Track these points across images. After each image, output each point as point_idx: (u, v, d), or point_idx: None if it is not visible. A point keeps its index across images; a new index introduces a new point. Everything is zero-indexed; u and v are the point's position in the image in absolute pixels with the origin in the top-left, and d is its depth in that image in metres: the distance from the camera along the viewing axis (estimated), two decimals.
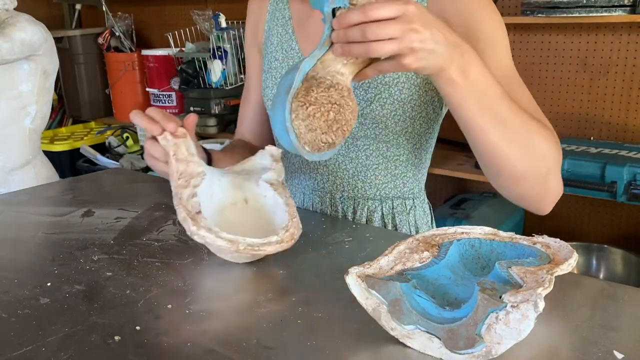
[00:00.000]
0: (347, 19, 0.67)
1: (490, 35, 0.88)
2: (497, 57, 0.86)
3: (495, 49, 0.87)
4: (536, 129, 0.79)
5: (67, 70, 3.33)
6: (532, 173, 0.80)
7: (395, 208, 1.04)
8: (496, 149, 0.77)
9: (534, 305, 0.51)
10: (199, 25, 2.84)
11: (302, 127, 0.69)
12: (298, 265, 0.78)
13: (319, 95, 0.69)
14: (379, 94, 0.94)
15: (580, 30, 2.16)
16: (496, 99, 0.75)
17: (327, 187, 1.05)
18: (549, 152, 0.81)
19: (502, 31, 0.89)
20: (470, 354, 0.54)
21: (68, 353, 0.59)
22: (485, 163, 0.82)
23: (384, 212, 1.04)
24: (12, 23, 1.90)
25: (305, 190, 1.08)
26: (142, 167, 2.94)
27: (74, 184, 1.25)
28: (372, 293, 0.59)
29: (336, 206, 1.05)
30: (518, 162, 0.79)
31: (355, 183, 1.03)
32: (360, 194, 1.03)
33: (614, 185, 1.81)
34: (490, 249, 0.67)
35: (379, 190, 1.03)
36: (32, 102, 2.02)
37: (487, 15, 0.89)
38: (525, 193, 0.84)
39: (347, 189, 1.03)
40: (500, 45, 0.88)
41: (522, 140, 0.78)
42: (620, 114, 2.15)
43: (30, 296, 0.71)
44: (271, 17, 1.07)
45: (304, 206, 1.08)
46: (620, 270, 2.06)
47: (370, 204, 1.03)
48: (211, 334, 0.62)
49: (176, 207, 0.75)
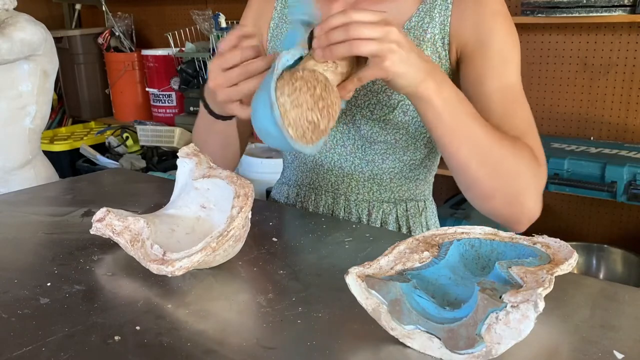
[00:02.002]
0: (330, 22, 0.70)
1: (503, 50, 0.90)
2: (506, 73, 0.89)
3: (505, 65, 0.89)
4: (510, 151, 0.81)
5: (67, 70, 3.33)
6: (502, 193, 0.82)
7: (409, 210, 1.05)
8: (465, 166, 0.80)
9: (534, 305, 0.51)
10: (199, 25, 2.84)
11: (288, 102, 0.68)
12: (298, 265, 0.78)
13: (304, 74, 0.69)
14: (402, 100, 0.94)
15: (580, 30, 2.16)
16: (468, 118, 0.78)
17: (342, 189, 1.04)
18: (523, 173, 0.82)
19: (515, 49, 0.91)
20: (470, 354, 0.54)
21: (68, 353, 0.59)
22: (456, 178, 0.85)
23: (399, 214, 1.04)
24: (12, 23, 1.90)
25: (318, 191, 1.07)
26: (142, 167, 2.94)
27: (74, 184, 1.25)
28: (372, 293, 0.59)
29: (350, 209, 1.04)
30: (487, 181, 0.81)
31: (371, 186, 1.03)
32: (376, 197, 1.03)
33: (614, 185, 1.81)
34: (490, 249, 0.67)
35: (393, 193, 1.03)
36: (32, 102, 2.02)
37: (504, 31, 0.90)
38: (496, 212, 0.85)
39: (362, 191, 1.03)
40: (511, 62, 0.90)
41: (492, 160, 0.80)
42: (620, 114, 2.15)
43: (30, 296, 0.71)
44: (279, 14, 1.05)
45: (318, 206, 1.07)
46: (620, 270, 2.06)
47: (385, 207, 1.04)
48: (211, 334, 0.62)
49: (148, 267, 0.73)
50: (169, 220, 0.82)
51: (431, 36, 0.93)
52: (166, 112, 3.15)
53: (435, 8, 0.93)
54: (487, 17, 0.90)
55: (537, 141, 0.87)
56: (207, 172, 0.82)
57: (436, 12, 0.93)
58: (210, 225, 0.81)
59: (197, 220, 0.83)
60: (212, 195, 0.82)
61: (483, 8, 0.90)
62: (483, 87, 0.89)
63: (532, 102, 2.37)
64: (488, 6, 0.90)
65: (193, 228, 0.82)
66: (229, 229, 0.71)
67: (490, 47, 0.89)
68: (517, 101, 0.89)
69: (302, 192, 1.09)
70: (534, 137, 0.87)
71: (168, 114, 3.14)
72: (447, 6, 0.93)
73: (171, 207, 0.85)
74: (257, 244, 0.84)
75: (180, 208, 0.84)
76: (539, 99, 2.30)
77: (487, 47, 0.89)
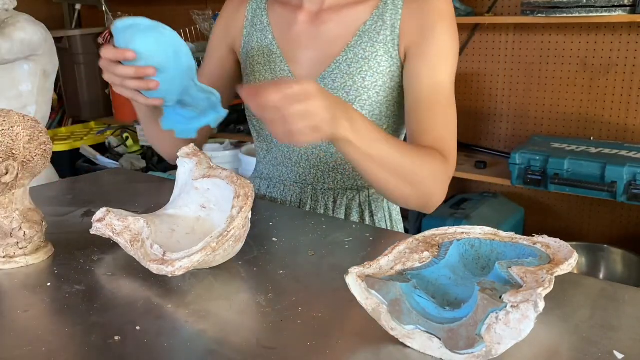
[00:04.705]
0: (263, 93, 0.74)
1: (442, 50, 0.99)
2: (439, 71, 0.98)
3: (440, 65, 0.99)
4: (418, 160, 0.91)
5: (67, 70, 3.33)
6: (413, 195, 0.94)
7: (371, 196, 1.12)
8: (382, 181, 0.91)
9: (534, 305, 0.51)
10: (199, 25, 2.84)
11: None
12: (298, 265, 0.78)
13: None
14: (359, 96, 1.03)
15: (580, 30, 2.16)
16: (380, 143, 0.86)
17: (309, 179, 1.11)
18: (430, 176, 0.93)
19: (452, 50, 1.00)
20: (471, 354, 0.54)
21: (68, 353, 0.59)
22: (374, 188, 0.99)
23: (361, 200, 1.11)
24: (12, 23, 1.90)
25: (286, 182, 1.14)
26: (142, 167, 2.94)
27: (74, 184, 1.25)
28: (372, 293, 0.59)
29: (317, 197, 1.11)
30: (399, 189, 0.92)
31: (335, 176, 1.10)
32: (340, 185, 1.11)
33: (614, 185, 1.81)
34: (490, 249, 0.67)
35: (356, 181, 1.11)
36: (32, 102, 2.02)
37: (445, 32, 0.99)
38: (409, 206, 0.98)
39: (327, 181, 1.11)
40: (445, 62, 0.99)
41: (403, 172, 0.90)
42: (620, 114, 2.15)
43: (30, 296, 0.71)
44: (250, 23, 1.14)
45: (286, 196, 1.14)
46: (620, 270, 2.06)
47: (348, 194, 1.11)
48: (211, 334, 0.62)
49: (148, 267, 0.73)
50: (169, 220, 0.82)
51: (383, 37, 1.02)
52: None
53: (387, 12, 1.03)
54: (432, 16, 0.99)
55: (450, 140, 0.98)
56: (207, 172, 0.82)
57: (387, 16, 1.03)
58: (211, 225, 0.81)
59: (197, 220, 0.83)
60: (212, 195, 0.82)
61: (429, 7, 0.99)
62: (417, 81, 0.99)
63: (532, 102, 2.39)
64: (434, 6, 0.99)
65: (193, 228, 0.82)
66: (229, 229, 0.71)
67: (430, 44, 0.98)
68: (442, 103, 0.98)
69: (272, 184, 1.16)
70: (449, 135, 0.98)
71: None
72: (397, 10, 1.02)
73: (171, 207, 0.85)
74: (257, 244, 0.84)
75: (180, 208, 0.84)
76: (539, 99, 2.30)
77: (427, 45, 0.99)
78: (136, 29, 0.83)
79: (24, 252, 0.79)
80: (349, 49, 1.03)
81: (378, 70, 1.02)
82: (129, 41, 0.83)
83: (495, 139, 2.43)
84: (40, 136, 0.79)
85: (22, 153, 0.77)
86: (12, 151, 0.75)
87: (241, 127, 2.89)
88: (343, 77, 1.03)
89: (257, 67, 1.11)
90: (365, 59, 1.02)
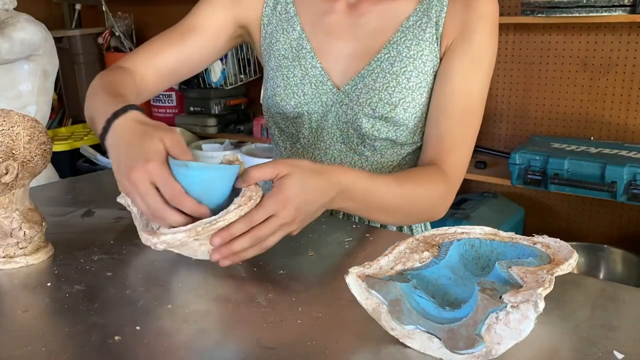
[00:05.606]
0: (233, 228, 0.70)
1: (479, 57, 0.95)
2: (472, 80, 0.94)
3: (477, 70, 0.95)
4: (418, 191, 0.89)
5: (67, 70, 3.33)
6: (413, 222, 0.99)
7: None
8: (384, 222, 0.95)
9: (534, 305, 0.51)
10: None
11: None
12: (298, 265, 0.78)
13: None
14: (403, 98, 0.97)
15: (580, 30, 2.16)
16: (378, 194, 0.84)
17: None
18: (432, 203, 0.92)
19: (489, 58, 0.96)
20: (471, 354, 0.54)
21: (68, 353, 0.59)
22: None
23: None
24: (12, 23, 1.90)
25: None
26: None
27: (74, 184, 1.25)
28: (372, 293, 0.59)
29: None
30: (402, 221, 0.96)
31: None
32: None
33: (614, 185, 1.81)
34: (490, 249, 0.67)
35: None
36: (32, 102, 2.03)
37: (487, 39, 0.95)
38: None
39: None
40: (480, 70, 0.95)
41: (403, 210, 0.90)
42: (620, 114, 2.15)
43: (30, 296, 0.71)
44: (272, 10, 1.05)
45: None
46: (620, 270, 2.06)
47: None
48: (211, 334, 0.62)
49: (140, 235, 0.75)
50: None
51: (429, 35, 0.97)
52: (166, 112, 3.15)
53: (432, 8, 0.98)
54: (474, 17, 0.95)
55: (460, 153, 0.94)
56: None
57: (433, 12, 0.97)
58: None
59: None
60: None
61: (473, 9, 0.95)
62: (447, 82, 0.95)
63: (532, 102, 2.39)
64: (478, 7, 0.95)
65: None
66: (219, 219, 0.71)
67: (468, 48, 0.94)
68: (468, 112, 0.94)
69: None
70: (461, 148, 0.95)
71: (168, 114, 3.14)
72: (442, 7, 0.97)
73: None
74: None
75: None
76: (539, 99, 2.30)
77: (464, 47, 0.94)
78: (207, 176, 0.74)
79: (24, 252, 0.79)
80: (391, 45, 0.97)
81: (423, 70, 0.96)
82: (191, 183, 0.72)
83: (495, 139, 2.43)
84: (40, 136, 0.79)
85: (22, 153, 0.77)
86: (12, 151, 0.75)
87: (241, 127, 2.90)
88: (385, 76, 0.96)
89: (283, 61, 1.02)
90: (410, 57, 0.96)
